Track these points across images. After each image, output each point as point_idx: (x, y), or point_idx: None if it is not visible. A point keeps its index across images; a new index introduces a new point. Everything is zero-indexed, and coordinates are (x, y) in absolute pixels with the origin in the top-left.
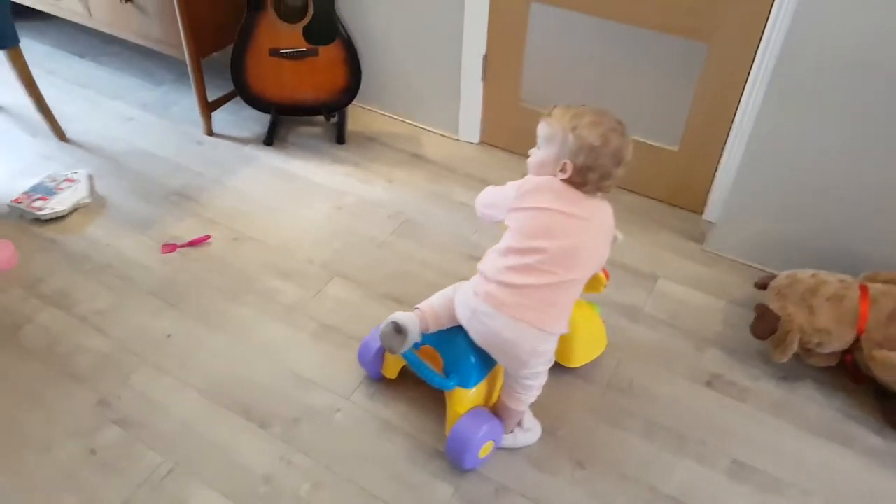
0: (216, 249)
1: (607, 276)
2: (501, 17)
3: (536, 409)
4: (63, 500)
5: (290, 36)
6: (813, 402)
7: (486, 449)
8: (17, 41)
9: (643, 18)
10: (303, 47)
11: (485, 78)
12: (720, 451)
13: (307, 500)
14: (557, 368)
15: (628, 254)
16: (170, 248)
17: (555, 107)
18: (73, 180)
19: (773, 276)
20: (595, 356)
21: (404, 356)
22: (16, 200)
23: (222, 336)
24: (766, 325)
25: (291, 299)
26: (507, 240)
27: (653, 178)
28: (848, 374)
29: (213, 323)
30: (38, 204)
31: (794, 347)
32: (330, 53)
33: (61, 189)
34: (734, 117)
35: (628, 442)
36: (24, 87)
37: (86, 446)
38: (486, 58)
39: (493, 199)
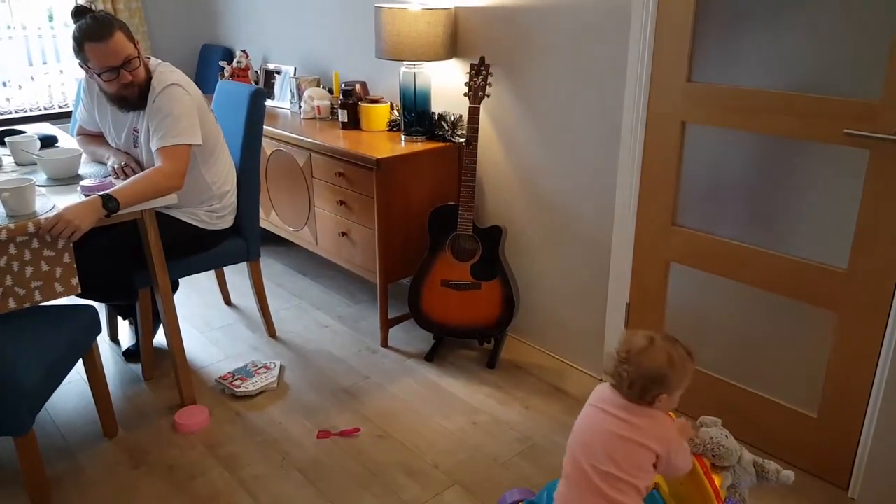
0: (361, 442)
1: (717, 495)
2: (644, 272)
3: None
4: None
5: (460, 271)
6: None
7: None
8: (258, 257)
9: (771, 285)
10: (468, 281)
11: (627, 324)
12: None
13: None
14: None
15: None
16: (325, 434)
17: None
18: (269, 368)
19: None
20: None
21: None
22: (221, 377)
23: None
24: None
25: (411, 496)
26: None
27: (791, 444)
28: None
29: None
30: (237, 383)
31: None
32: (490, 288)
33: (258, 373)
34: (871, 389)
35: None
36: (255, 293)
37: None
38: (628, 306)
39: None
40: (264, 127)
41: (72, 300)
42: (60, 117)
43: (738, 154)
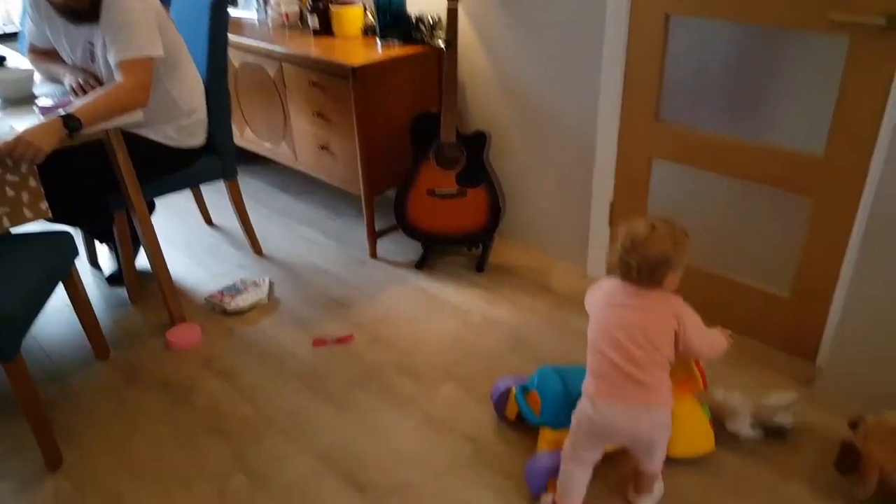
0: (356, 347)
1: (703, 375)
2: (626, 170)
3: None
4: None
5: (445, 179)
6: None
7: (553, 485)
8: (235, 175)
9: (750, 174)
10: (454, 189)
11: (612, 222)
12: None
13: None
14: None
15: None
16: (320, 342)
17: None
18: (258, 284)
19: (865, 417)
20: (696, 453)
21: (516, 398)
22: (210, 296)
23: (344, 415)
24: (848, 461)
25: (408, 392)
26: None
27: (765, 323)
28: None
29: (339, 404)
30: (227, 300)
31: (874, 485)
32: (476, 195)
33: (247, 290)
34: (841, 268)
35: None
36: (236, 212)
37: (218, 488)
38: (612, 205)
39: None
40: (229, 37)
41: (47, 227)
42: (5, 39)
43: (720, 46)
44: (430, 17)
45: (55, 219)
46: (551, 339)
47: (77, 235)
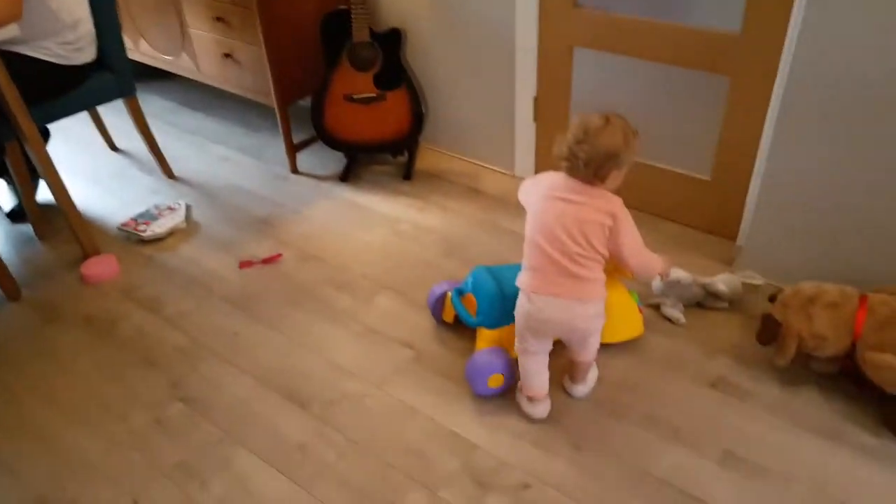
0: (286, 266)
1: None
2: (548, 62)
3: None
4: (131, 458)
5: (362, 83)
6: (813, 404)
7: (495, 380)
8: (133, 92)
9: (669, 56)
10: (372, 93)
11: (536, 118)
12: (713, 443)
13: (334, 466)
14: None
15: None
16: (246, 264)
17: None
18: (174, 209)
19: (783, 289)
20: (626, 338)
21: (452, 301)
22: (124, 224)
23: (280, 335)
24: (768, 332)
25: (344, 306)
26: None
27: (688, 207)
28: (851, 379)
29: (274, 324)
30: (142, 227)
31: (793, 352)
32: (396, 98)
33: (163, 216)
34: (759, 147)
35: (626, 431)
36: (139, 133)
37: (154, 417)
38: (536, 100)
39: None
40: None
41: None
42: None
43: None
44: None
45: None
46: (483, 242)
47: None
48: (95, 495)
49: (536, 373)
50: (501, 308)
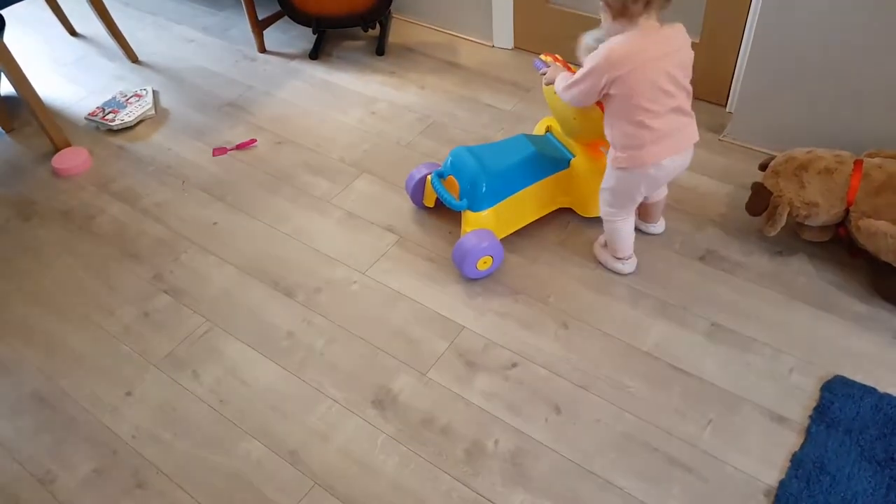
0: (261, 151)
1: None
2: None
3: (534, 281)
4: (120, 350)
5: None
6: (804, 274)
7: (484, 262)
8: None
9: None
10: None
11: None
12: (701, 316)
13: (321, 352)
14: (561, 245)
15: None
16: (220, 151)
17: None
18: (140, 95)
19: (774, 156)
20: None
21: (433, 185)
22: (91, 114)
23: (260, 223)
24: (759, 201)
25: (322, 192)
26: None
27: None
28: (843, 248)
29: (253, 212)
30: (109, 116)
31: (783, 221)
32: None
33: (130, 103)
34: (749, 9)
35: (612, 306)
36: (98, 16)
37: (141, 310)
38: None
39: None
40: None
41: None
42: None
43: None
44: None
45: None
46: (464, 118)
47: None
48: (90, 389)
49: (631, 233)
50: (485, 188)
